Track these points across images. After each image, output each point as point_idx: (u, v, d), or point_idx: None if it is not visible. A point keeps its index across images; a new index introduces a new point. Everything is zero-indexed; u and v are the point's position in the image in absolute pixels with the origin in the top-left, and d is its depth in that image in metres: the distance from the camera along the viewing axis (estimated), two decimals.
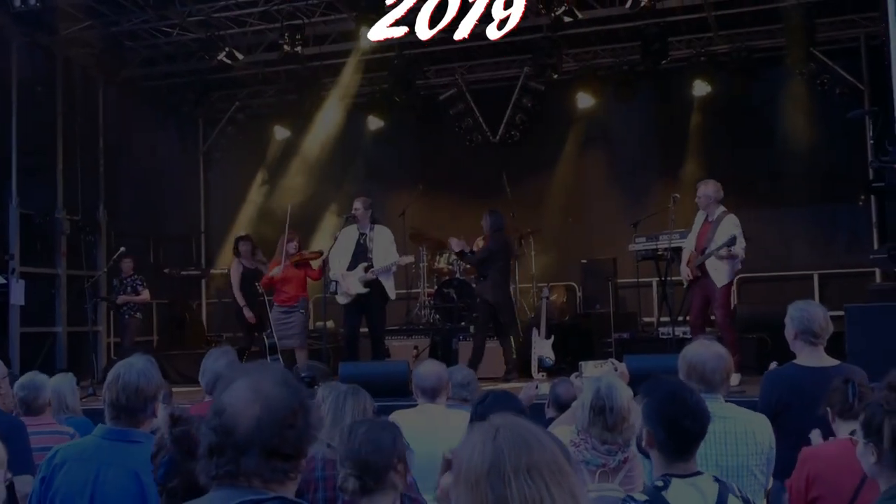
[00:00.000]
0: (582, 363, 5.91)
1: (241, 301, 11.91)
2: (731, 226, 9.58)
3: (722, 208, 9.88)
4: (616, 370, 5.36)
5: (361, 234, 10.73)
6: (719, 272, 9.59)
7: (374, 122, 16.64)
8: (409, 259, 10.78)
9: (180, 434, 2.63)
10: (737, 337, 9.72)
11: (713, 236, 9.65)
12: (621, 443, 4.01)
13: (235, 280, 12.04)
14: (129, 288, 12.86)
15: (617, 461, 3.80)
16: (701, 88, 14.82)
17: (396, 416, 5.31)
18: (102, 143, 15.18)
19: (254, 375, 2.18)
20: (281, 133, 16.99)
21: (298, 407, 2.16)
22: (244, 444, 2.08)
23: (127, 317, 12.92)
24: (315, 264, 11.38)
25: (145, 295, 12.98)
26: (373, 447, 3.38)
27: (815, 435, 4.52)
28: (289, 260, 11.16)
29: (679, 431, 3.28)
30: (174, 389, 6.94)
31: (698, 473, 3.29)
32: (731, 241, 9.30)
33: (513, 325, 11.62)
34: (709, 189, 9.91)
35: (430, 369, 5.49)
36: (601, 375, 4.37)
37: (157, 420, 4.07)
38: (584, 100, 15.51)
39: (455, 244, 11.57)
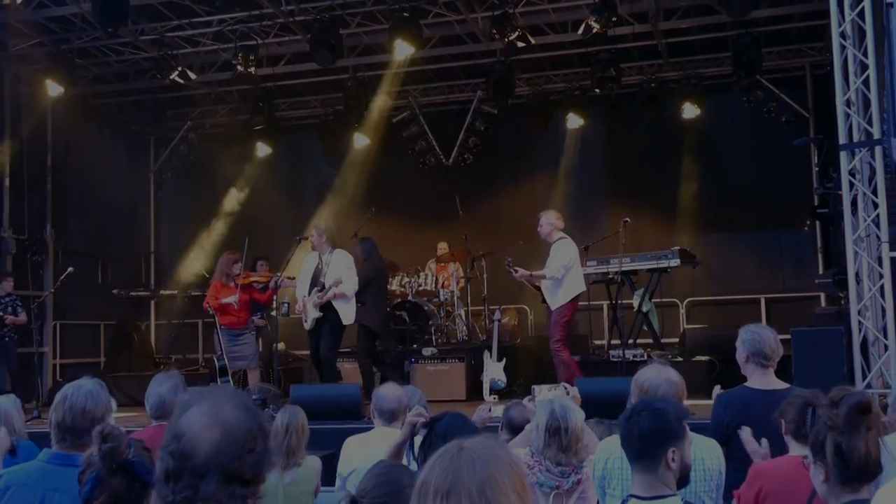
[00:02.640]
0: (535, 387, 5.93)
1: None
2: (557, 252, 10.15)
3: (558, 235, 10.31)
4: (568, 394, 5.40)
5: (320, 260, 10.76)
6: (551, 295, 10.19)
7: (327, 144, 16.60)
8: (339, 290, 10.67)
9: (108, 450, 2.60)
10: (568, 356, 10.11)
11: (546, 261, 10.29)
12: (575, 464, 4.05)
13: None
14: (8, 308, 12.11)
15: (570, 483, 3.82)
16: (651, 115, 15.01)
17: (353, 441, 5.27)
18: (50, 160, 14.96)
19: (212, 399, 2.15)
20: (233, 153, 16.87)
21: (258, 431, 2.14)
22: (203, 468, 2.05)
23: (7, 339, 12.05)
24: (261, 287, 11.29)
25: (23, 317, 12.20)
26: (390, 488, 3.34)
27: (746, 433, 4.57)
28: (236, 282, 11.02)
29: (628, 436, 3.31)
30: (122, 414, 6.82)
31: (665, 497, 3.29)
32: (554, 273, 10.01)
33: (389, 350, 11.71)
34: (549, 217, 10.45)
35: (391, 391, 5.45)
36: (554, 398, 4.41)
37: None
38: (537, 124, 15.64)
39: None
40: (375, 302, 11.45)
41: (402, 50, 12.78)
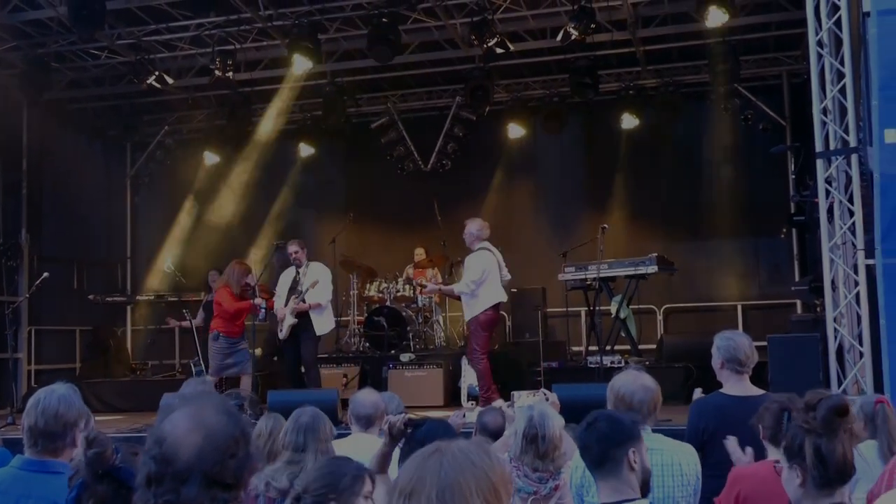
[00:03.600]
0: (514, 393, 5.93)
1: None
2: (470, 265, 10.32)
3: (479, 246, 10.42)
4: (548, 400, 5.40)
5: (297, 272, 10.93)
6: (466, 307, 10.39)
7: (305, 150, 16.58)
8: (313, 299, 10.74)
9: (93, 456, 2.58)
10: (485, 367, 10.18)
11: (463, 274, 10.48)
12: (552, 470, 4.06)
13: None
14: None
15: (548, 489, 3.82)
16: (629, 121, 15.08)
17: (339, 443, 5.23)
18: (26, 165, 14.83)
19: (195, 404, 2.16)
20: (210, 158, 16.78)
21: (240, 436, 2.14)
22: (185, 473, 2.04)
23: None
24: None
25: None
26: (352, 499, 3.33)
27: (732, 442, 4.58)
28: (250, 292, 11.05)
29: (587, 443, 3.33)
30: (99, 418, 6.76)
31: (632, 500, 3.30)
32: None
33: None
34: (472, 227, 10.55)
35: (367, 397, 5.43)
36: (533, 404, 4.42)
37: (78, 450, 3.97)
38: (515, 130, 15.69)
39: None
40: None
41: (380, 55, 12.76)
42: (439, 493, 1.91)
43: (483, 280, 10.13)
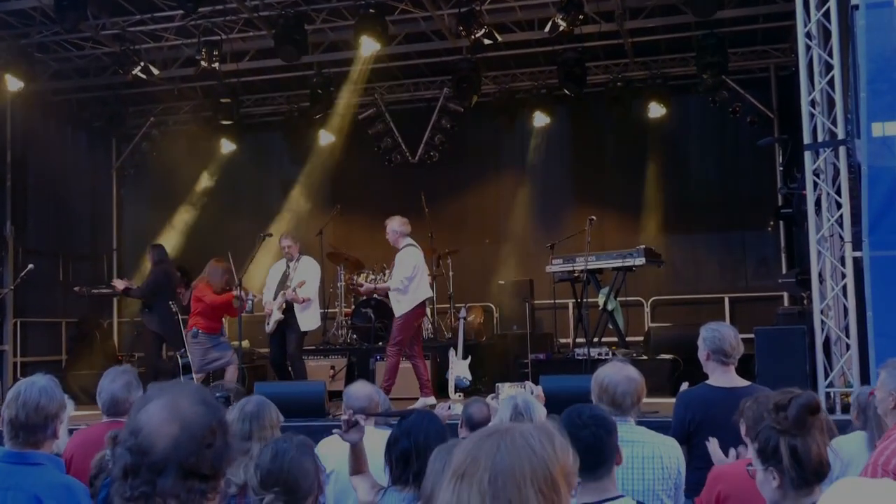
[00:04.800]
0: (499, 385, 5.93)
1: None
2: (400, 262, 10.36)
3: (405, 242, 10.48)
4: (532, 392, 5.40)
5: (288, 266, 10.91)
6: (396, 302, 10.38)
7: (292, 141, 16.50)
8: (302, 293, 10.72)
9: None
10: (397, 362, 10.25)
11: (393, 270, 10.57)
12: None
13: None
14: None
15: None
16: (617, 114, 15.04)
17: (327, 442, 5.18)
18: (10, 157, 14.70)
19: (170, 394, 2.12)
20: (197, 150, 16.71)
21: (217, 425, 2.11)
22: (161, 464, 2.02)
23: None
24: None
25: None
26: (302, 471, 3.35)
27: (713, 445, 4.57)
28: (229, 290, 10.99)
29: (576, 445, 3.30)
30: (81, 412, 6.71)
31: (615, 498, 3.28)
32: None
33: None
34: (394, 225, 10.55)
35: (361, 389, 5.39)
36: (518, 394, 4.44)
37: (59, 442, 3.94)
38: (503, 122, 15.64)
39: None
40: (162, 307, 11.52)
41: (368, 46, 12.72)
42: (492, 478, 1.80)
43: (413, 276, 10.25)
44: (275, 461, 3.39)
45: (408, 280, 10.18)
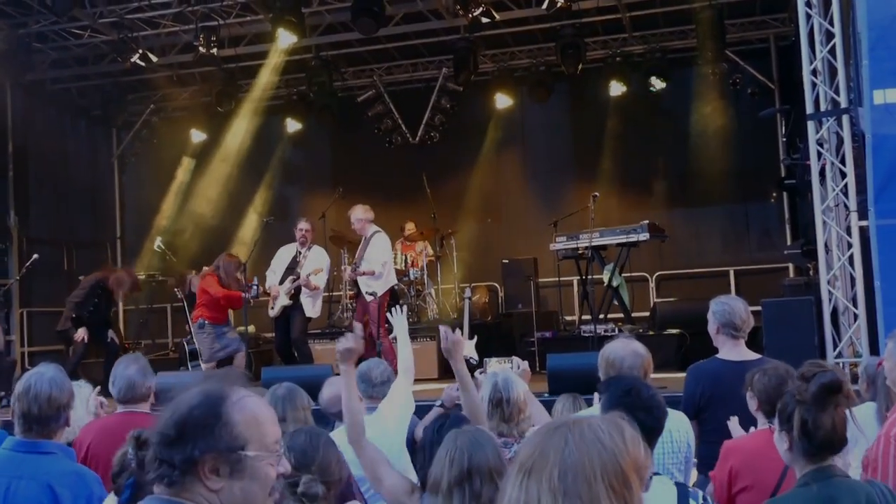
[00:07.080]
0: (486, 360, 5.99)
1: None
2: (375, 246, 10.57)
3: (372, 229, 10.70)
4: (518, 367, 5.47)
5: (298, 252, 10.91)
6: (368, 287, 10.43)
7: (292, 125, 16.47)
8: (315, 280, 10.70)
9: (146, 458, 2.58)
10: (389, 344, 10.10)
11: (363, 254, 10.73)
12: (517, 435, 4.15)
13: None
14: None
15: (513, 452, 3.81)
16: (616, 88, 14.99)
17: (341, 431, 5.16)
18: (11, 147, 14.71)
19: (206, 384, 2.17)
20: (197, 136, 16.69)
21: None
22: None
23: None
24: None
25: None
26: (335, 456, 3.38)
27: (734, 423, 4.56)
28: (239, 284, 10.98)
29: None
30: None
31: (653, 475, 3.28)
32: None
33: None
34: (357, 213, 10.80)
35: (376, 367, 5.47)
36: (499, 371, 4.53)
37: (69, 430, 3.94)
38: (502, 100, 15.60)
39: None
40: None
41: (364, 28, 12.63)
42: (561, 473, 1.73)
43: (387, 260, 10.55)
44: (311, 444, 3.39)
45: (384, 264, 10.45)
